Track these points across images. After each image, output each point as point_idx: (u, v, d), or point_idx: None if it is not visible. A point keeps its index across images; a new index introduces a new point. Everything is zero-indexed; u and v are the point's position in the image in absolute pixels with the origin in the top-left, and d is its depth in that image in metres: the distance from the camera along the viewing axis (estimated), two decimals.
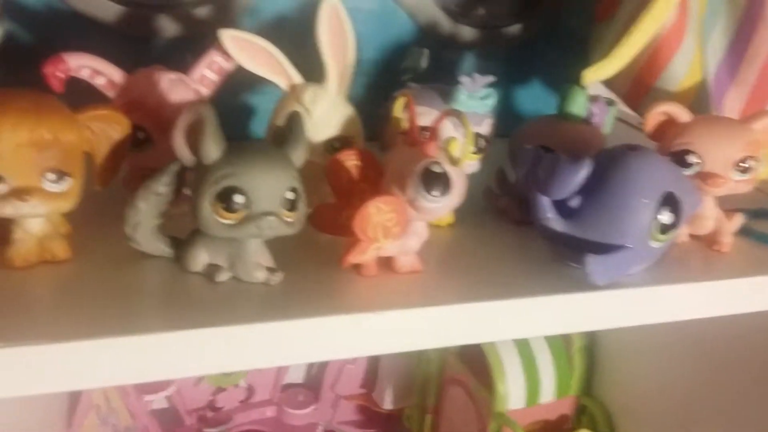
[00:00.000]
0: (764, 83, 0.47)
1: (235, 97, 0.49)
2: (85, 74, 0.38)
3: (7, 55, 0.46)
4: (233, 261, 0.35)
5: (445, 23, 0.52)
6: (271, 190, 0.33)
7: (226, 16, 0.48)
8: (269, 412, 0.80)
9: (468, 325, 0.36)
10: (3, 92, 0.32)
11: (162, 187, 0.34)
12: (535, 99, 0.56)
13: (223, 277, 0.35)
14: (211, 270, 0.35)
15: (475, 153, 0.41)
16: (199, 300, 0.34)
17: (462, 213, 0.42)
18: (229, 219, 0.33)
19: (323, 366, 0.80)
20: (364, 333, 0.35)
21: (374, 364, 0.80)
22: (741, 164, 0.41)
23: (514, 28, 0.54)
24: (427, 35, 0.52)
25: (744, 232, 0.45)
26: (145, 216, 0.35)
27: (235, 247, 0.35)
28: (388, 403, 0.79)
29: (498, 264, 0.40)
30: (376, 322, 0.35)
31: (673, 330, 0.40)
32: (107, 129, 0.35)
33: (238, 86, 0.44)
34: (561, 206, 0.38)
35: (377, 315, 0.34)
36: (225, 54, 0.39)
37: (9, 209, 0.32)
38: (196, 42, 0.42)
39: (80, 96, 0.36)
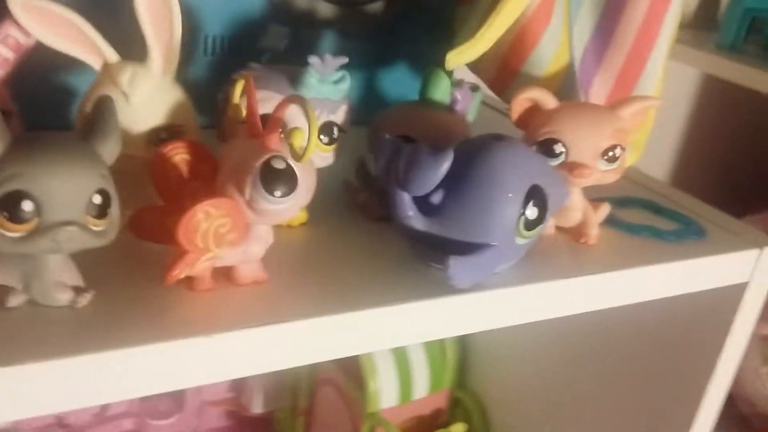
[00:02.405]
0: (631, 67, 0.46)
1: (44, 79, 0.41)
2: None
3: None
4: (28, 281, 0.29)
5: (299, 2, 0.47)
6: (70, 194, 0.27)
7: None
8: (127, 424, 0.74)
9: (322, 340, 0.32)
10: None
11: None
12: (398, 83, 0.52)
13: (16, 301, 0.29)
14: (1, 293, 0.29)
15: (327, 144, 0.37)
16: None
17: (317, 210, 0.38)
18: (15, 231, 0.27)
19: None
20: (200, 359, 0.30)
21: None
22: (608, 153, 0.39)
23: (377, 6, 0.50)
24: (280, 11, 0.47)
25: (610, 222, 0.43)
26: None
27: (30, 264, 0.28)
28: (257, 407, 0.75)
29: (355, 269, 0.36)
30: (214, 346, 0.30)
31: (544, 322, 0.38)
32: None
33: (48, 66, 0.37)
34: (422, 202, 0.34)
35: (214, 338, 0.30)
36: (18, 28, 0.32)
37: None
38: None
39: None
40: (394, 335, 0.34)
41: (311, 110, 0.29)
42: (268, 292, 0.33)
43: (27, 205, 0.26)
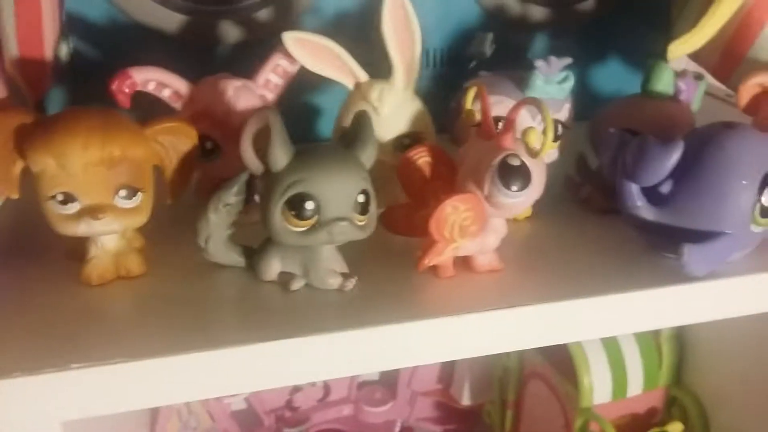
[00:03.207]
0: None
1: (299, 99, 0.48)
2: (150, 87, 0.37)
3: (74, 71, 0.47)
4: (307, 268, 0.34)
5: (512, 4, 0.50)
6: (342, 195, 0.32)
7: (288, 18, 0.47)
8: (346, 410, 0.80)
9: (553, 325, 0.34)
10: (71, 112, 0.32)
11: (232, 197, 0.33)
12: (613, 78, 0.53)
13: (297, 285, 0.34)
14: (285, 278, 0.34)
15: (553, 141, 0.39)
16: (274, 310, 0.33)
17: (540, 204, 0.40)
18: (300, 226, 0.32)
19: None
20: (444, 338, 0.33)
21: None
22: None
23: (588, 4, 0.51)
24: (493, 18, 0.50)
25: None
26: (216, 227, 0.34)
27: (308, 254, 0.34)
28: (466, 399, 0.77)
29: (583, 258, 0.37)
30: (456, 326, 0.33)
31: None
32: (175, 141, 0.35)
33: (303, 88, 0.43)
34: (651, 193, 0.35)
35: (457, 319, 0.33)
36: (289, 57, 0.38)
37: (83, 228, 0.32)
38: (258, 46, 0.41)
39: (147, 109, 0.36)
40: (625, 323, 0.35)
41: (547, 110, 0.32)
42: (503, 280, 0.35)
43: (310, 205, 0.31)
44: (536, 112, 0.36)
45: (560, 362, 0.65)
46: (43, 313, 0.32)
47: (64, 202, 0.32)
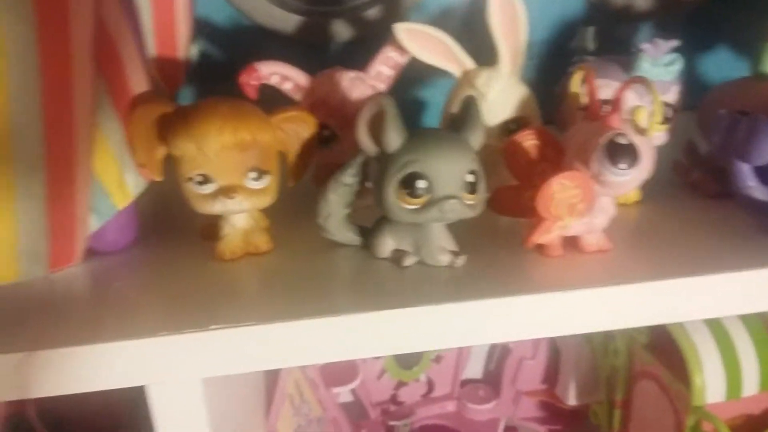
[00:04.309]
0: None
1: (405, 92, 0.50)
2: (274, 80, 0.41)
3: (202, 71, 0.51)
4: (418, 246, 0.36)
5: None
6: (451, 174, 0.34)
7: (395, 15, 0.50)
8: (450, 406, 0.81)
9: (661, 304, 0.34)
10: (207, 101, 0.36)
11: (349, 178, 0.36)
12: (720, 65, 0.52)
13: (410, 261, 0.36)
14: (398, 255, 0.36)
15: (662, 123, 0.39)
16: (388, 284, 0.35)
17: (649, 189, 0.40)
18: (412, 204, 0.34)
19: (501, 361, 0.79)
20: (550, 313, 0.34)
21: (554, 358, 0.78)
22: None
23: None
24: (597, 9, 0.50)
25: None
26: (336, 207, 0.37)
27: (419, 232, 0.36)
28: (572, 399, 0.76)
29: (693, 239, 0.37)
30: (563, 301, 0.34)
31: None
32: (297, 129, 0.38)
33: (408, 81, 0.45)
34: (764, 173, 0.35)
35: (564, 294, 0.34)
36: (399, 49, 0.40)
37: (218, 206, 0.36)
38: (369, 43, 0.44)
39: (268, 101, 0.40)
40: (737, 302, 0.35)
41: (654, 88, 0.32)
42: (611, 259, 0.36)
43: (422, 183, 0.33)
44: (644, 93, 0.36)
45: (670, 361, 0.63)
46: (185, 284, 0.36)
47: (202, 183, 0.35)
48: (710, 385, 0.61)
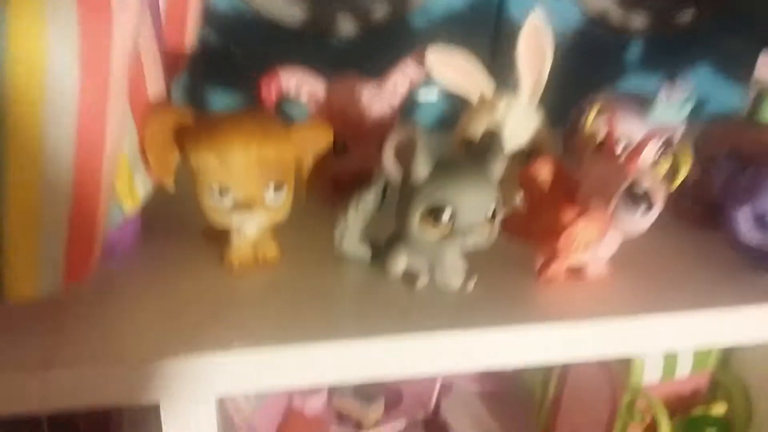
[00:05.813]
0: None
1: None
2: (291, 92, 0.39)
3: (201, 59, 0.48)
4: (432, 266, 0.36)
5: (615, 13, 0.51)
6: (476, 206, 0.34)
7: (401, 7, 0.49)
8: None
9: (659, 334, 0.37)
10: (231, 115, 0.35)
11: (371, 202, 0.36)
12: (704, 85, 0.53)
13: (423, 282, 0.37)
14: (411, 275, 0.37)
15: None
16: (398, 305, 0.36)
17: None
18: (435, 231, 0.34)
19: None
20: (558, 340, 0.36)
21: None
22: None
23: (685, 15, 0.51)
24: (595, 24, 0.51)
25: None
26: (353, 224, 0.36)
27: (434, 252, 0.36)
28: None
29: (684, 272, 0.40)
30: (572, 330, 0.35)
31: None
32: (313, 141, 0.37)
33: None
34: (758, 218, 0.37)
35: (569, 324, 0.35)
36: (418, 65, 0.40)
37: (236, 219, 0.35)
38: (373, 36, 0.42)
39: None
40: (731, 334, 0.38)
41: (688, 154, 0.33)
42: (608, 287, 0.38)
43: (447, 214, 0.34)
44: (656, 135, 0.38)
45: None
46: (186, 296, 0.35)
47: (221, 194, 0.34)
48: (648, 365, 0.65)
